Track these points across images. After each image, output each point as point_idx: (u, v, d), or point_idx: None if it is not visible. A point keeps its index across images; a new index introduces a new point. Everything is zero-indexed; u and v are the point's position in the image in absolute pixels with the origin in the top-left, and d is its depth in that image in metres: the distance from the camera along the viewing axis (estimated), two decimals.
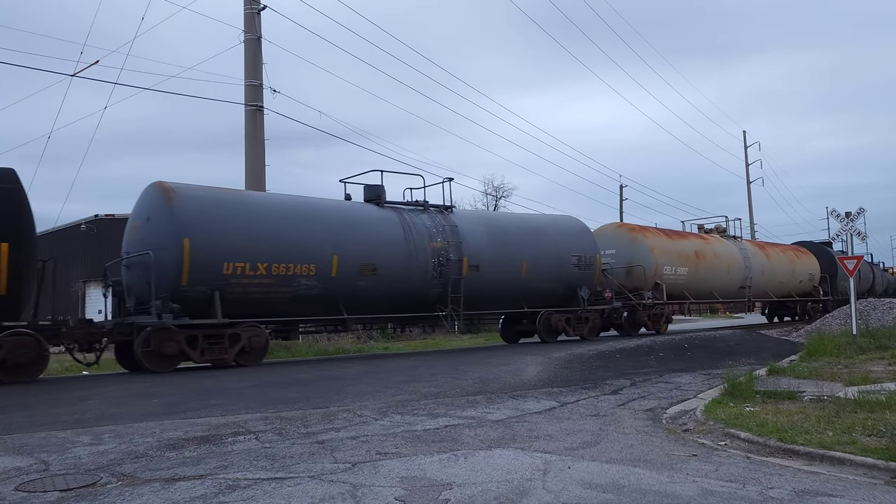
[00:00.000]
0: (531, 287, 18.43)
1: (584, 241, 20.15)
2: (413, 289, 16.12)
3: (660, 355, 14.74)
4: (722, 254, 26.01)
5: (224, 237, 13.36)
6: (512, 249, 18.03)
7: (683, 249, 23.92)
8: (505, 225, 18.78)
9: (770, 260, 29.29)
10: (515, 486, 4.66)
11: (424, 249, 16.28)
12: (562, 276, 19.14)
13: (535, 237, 18.95)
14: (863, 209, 17.72)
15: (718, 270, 25.41)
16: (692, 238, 25.68)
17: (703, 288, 24.76)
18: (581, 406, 8.33)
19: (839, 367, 11.52)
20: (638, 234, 22.86)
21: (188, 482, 4.81)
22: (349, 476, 4.96)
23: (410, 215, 16.74)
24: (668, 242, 23.38)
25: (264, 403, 8.41)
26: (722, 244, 26.72)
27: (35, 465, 5.36)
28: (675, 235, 24.81)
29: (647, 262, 21.97)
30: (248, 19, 19.46)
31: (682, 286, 23.39)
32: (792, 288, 31.13)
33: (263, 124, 19.46)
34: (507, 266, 17.80)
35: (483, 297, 17.50)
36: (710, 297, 26.45)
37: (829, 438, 5.93)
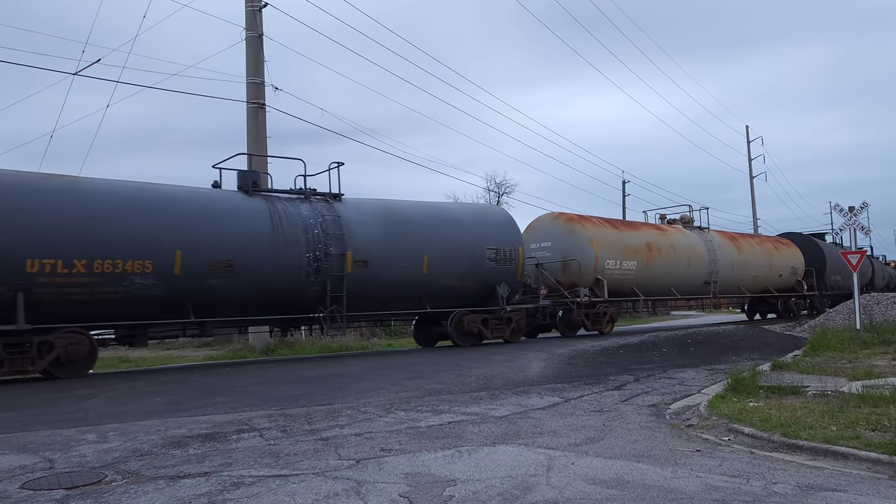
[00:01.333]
0: (435, 284, 16.17)
1: (505, 233, 17.78)
2: (283, 288, 14.01)
3: (663, 351, 14.74)
4: (681, 246, 23.54)
5: (26, 229, 11.35)
6: (411, 242, 15.81)
7: (632, 241, 21.54)
8: (405, 215, 16.33)
9: (742, 252, 26.68)
10: (519, 482, 4.67)
11: (297, 243, 14.18)
12: (475, 272, 16.88)
13: (442, 228, 16.62)
14: (866, 203, 17.66)
15: (677, 264, 23.03)
16: (645, 229, 23.05)
17: (657, 283, 22.51)
18: (585, 402, 8.33)
19: (843, 361, 11.51)
20: (576, 224, 20.41)
21: (193, 480, 4.83)
22: (353, 473, 4.97)
23: (285, 205, 14.52)
24: (613, 234, 21.04)
25: (268, 401, 8.42)
26: (683, 235, 24.32)
27: (40, 464, 5.38)
28: (624, 226, 22.47)
29: (584, 256, 19.73)
30: (250, 17, 19.45)
31: (631, 282, 21.23)
32: (770, 283, 28.50)
33: (265, 122, 19.47)
34: (405, 261, 15.61)
35: (374, 297, 15.38)
36: (666, 294, 23.62)
37: (832, 433, 5.93)
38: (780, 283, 29.10)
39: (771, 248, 28.87)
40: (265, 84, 19.44)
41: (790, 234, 33.10)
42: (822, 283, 31.13)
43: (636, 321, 37.91)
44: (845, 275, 32.47)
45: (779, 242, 30.27)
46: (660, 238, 22.80)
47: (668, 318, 41.55)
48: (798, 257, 30.22)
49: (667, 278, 22.75)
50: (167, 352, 20.58)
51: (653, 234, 22.77)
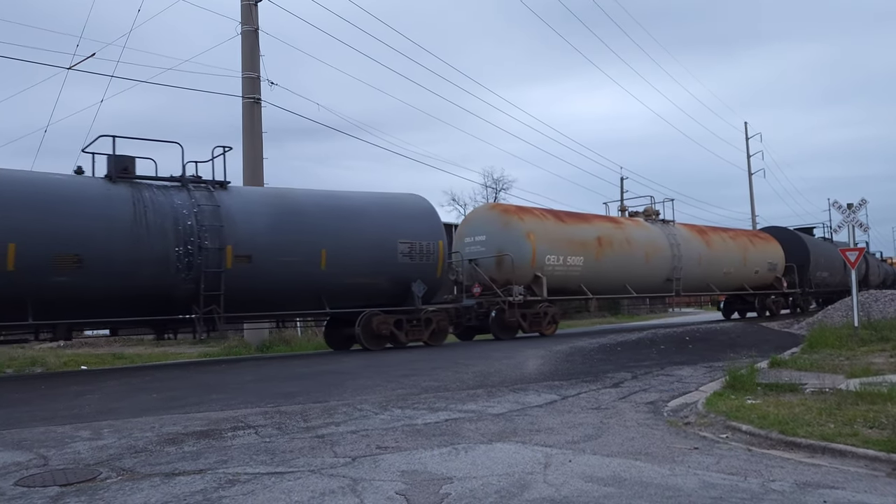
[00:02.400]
0: (336, 282, 14.64)
1: (422, 225, 16.05)
2: (147, 285, 12.46)
3: (661, 348, 14.74)
4: (638, 240, 21.79)
5: None
6: (306, 235, 14.26)
7: (579, 235, 19.81)
8: (301, 205, 14.74)
9: (711, 247, 24.93)
10: (516, 480, 4.64)
11: (164, 235, 12.64)
12: (386, 269, 15.29)
13: (345, 220, 15.05)
14: (864, 200, 17.65)
15: (632, 260, 21.29)
16: (597, 222, 21.25)
17: (610, 281, 20.78)
18: (582, 399, 8.31)
19: (841, 359, 11.51)
20: (512, 216, 18.67)
21: (188, 477, 4.80)
22: (349, 470, 4.94)
23: (154, 193, 12.97)
24: (557, 227, 19.29)
25: (264, 398, 8.40)
26: (642, 229, 22.55)
27: (35, 460, 5.34)
28: (571, 219, 20.49)
29: (519, 251, 18.10)
30: (245, 11, 19.38)
31: (577, 279, 19.55)
32: (745, 279, 26.65)
33: (261, 117, 19.41)
34: (298, 256, 14.07)
35: (261, 296, 13.92)
36: (621, 292, 21.80)
37: (830, 430, 5.91)
38: (756, 279, 27.30)
39: (746, 242, 27.09)
40: (261, 79, 19.38)
41: (772, 228, 31.64)
42: (805, 280, 29.45)
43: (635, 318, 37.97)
44: (834, 271, 31.69)
45: (756, 237, 28.51)
46: (613, 231, 21.18)
47: (667, 316, 41.58)
48: (777, 252, 28.48)
49: (621, 275, 21.03)
50: (162, 349, 20.52)
51: (605, 227, 21.13)
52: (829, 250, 32.41)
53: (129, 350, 19.92)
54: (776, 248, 28.58)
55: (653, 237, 22.54)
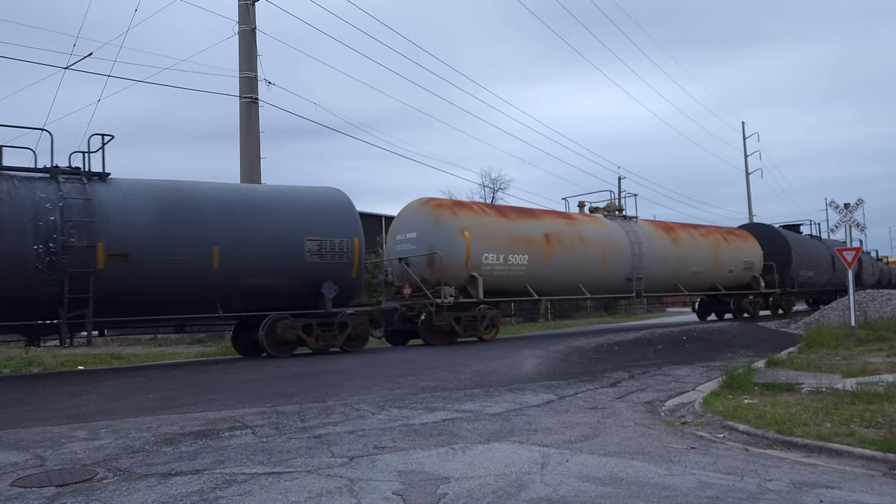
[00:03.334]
0: (232, 283, 13.35)
1: (336, 221, 14.74)
2: (1, 287, 11.25)
3: (658, 348, 14.75)
4: (593, 237, 20.24)
5: None
6: (196, 232, 12.94)
7: (524, 232, 18.19)
8: (192, 199, 13.36)
9: (679, 245, 23.25)
10: (513, 480, 4.64)
11: (21, 231, 11.42)
12: (291, 268, 14.01)
13: (243, 215, 13.71)
14: (861, 200, 17.70)
15: (586, 258, 19.74)
16: (546, 218, 19.63)
17: (560, 281, 19.22)
18: (579, 399, 8.32)
19: (837, 358, 11.53)
20: (444, 211, 17.13)
21: (185, 477, 4.79)
22: (346, 470, 4.94)
23: (13, 185, 11.74)
24: (497, 223, 17.74)
25: (261, 398, 8.39)
26: (599, 226, 21.01)
27: (31, 461, 5.34)
28: (515, 214, 18.94)
29: (451, 248, 16.58)
30: (243, 11, 19.36)
31: (522, 279, 18.03)
32: (718, 279, 25.02)
33: (258, 116, 19.39)
34: (186, 254, 12.75)
35: (142, 298, 12.54)
36: (574, 293, 20.11)
37: (827, 430, 5.92)
38: (730, 279, 25.70)
39: (719, 240, 25.46)
40: (258, 78, 19.36)
41: (751, 225, 30.08)
42: (786, 280, 27.73)
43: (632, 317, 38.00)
44: (820, 270, 30.52)
45: (731, 234, 26.71)
46: (564, 228, 19.55)
47: (665, 315, 41.61)
48: (754, 251, 26.79)
49: (573, 275, 19.48)
50: (159, 348, 20.50)
51: (555, 223, 19.47)
52: (815, 248, 31.35)
53: (127, 350, 19.89)
54: (753, 245, 26.96)
55: (611, 234, 21.01)
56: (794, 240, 29.16)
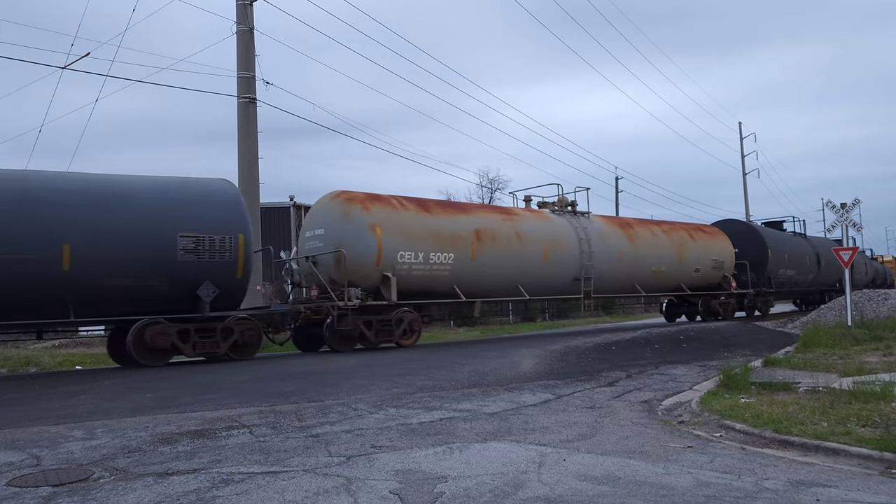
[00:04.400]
0: (88, 285, 11.91)
1: (217, 215, 13.18)
2: None
3: (655, 347, 14.77)
4: (534, 234, 18.51)
5: None
6: (40, 227, 11.56)
7: (449, 228, 16.57)
8: (37, 191, 11.90)
9: (636, 243, 21.56)
10: (510, 479, 4.64)
11: None
12: (162, 268, 12.51)
13: (102, 209, 12.23)
14: (858, 200, 17.72)
15: (524, 257, 18.05)
16: (478, 213, 18.09)
17: (494, 282, 17.62)
18: (577, 398, 8.32)
19: (834, 358, 11.55)
20: (354, 206, 15.49)
21: (182, 476, 4.78)
22: (344, 469, 4.94)
23: None
24: (416, 218, 16.16)
25: (258, 397, 8.38)
26: (542, 222, 19.27)
27: (27, 460, 5.32)
28: (440, 208, 17.26)
29: (359, 246, 15.05)
30: (241, 10, 19.33)
31: (447, 280, 16.51)
32: (683, 279, 23.29)
33: (256, 116, 19.36)
34: (29, 253, 11.39)
35: None
36: (511, 294, 18.61)
37: (823, 429, 5.93)
38: (697, 279, 23.93)
39: (684, 237, 23.69)
40: (256, 79, 19.34)
41: (725, 222, 28.19)
42: (763, 279, 26.14)
43: (630, 317, 38.01)
44: (803, 269, 29.25)
45: (699, 231, 24.97)
46: (499, 224, 17.84)
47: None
48: (725, 248, 25.01)
49: (508, 274, 17.83)
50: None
51: (489, 219, 17.85)
52: (798, 246, 29.86)
53: None
54: (723, 243, 25.15)
55: (555, 231, 19.29)
56: (771, 237, 27.61)
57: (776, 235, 28.59)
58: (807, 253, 30.32)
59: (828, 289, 33.63)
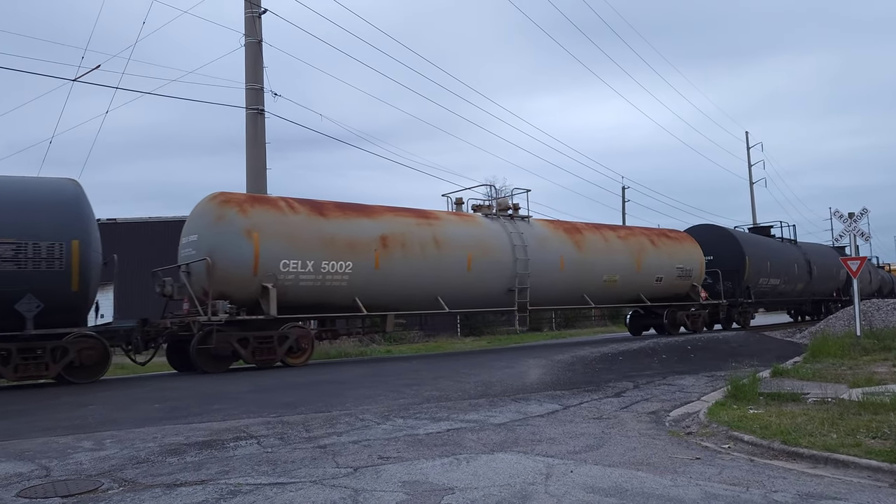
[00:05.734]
0: None
1: (45, 219, 11.57)
2: None
3: (663, 357, 14.71)
4: (456, 240, 16.60)
5: None
6: None
7: (347, 234, 14.76)
8: None
9: (584, 250, 19.47)
10: (518, 491, 4.64)
11: None
12: None
13: None
14: (866, 209, 17.67)
15: (444, 265, 16.18)
16: (385, 215, 15.90)
17: (406, 293, 15.79)
18: (584, 409, 8.30)
19: (843, 368, 11.48)
20: (230, 209, 13.70)
21: (190, 487, 4.79)
22: (351, 481, 4.94)
23: None
24: (305, 223, 14.36)
25: (266, 408, 8.39)
26: (468, 226, 17.33)
27: (36, 471, 5.34)
28: (337, 211, 15.17)
29: (234, 253, 13.32)
30: (249, 23, 19.48)
31: (347, 291, 14.71)
32: (643, 289, 21.24)
33: (264, 127, 19.47)
34: None
35: None
36: (430, 307, 16.66)
37: (833, 441, 5.90)
38: (659, 289, 21.78)
39: (643, 243, 21.52)
40: (264, 90, 19.46)
41: (698, 227, 26.32)
42: (740, 289, 24.32)
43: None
44: (789, 277, 27.51)
45: (663, 236, 22.63)
46: (411, 229, 15.94)
47: None
48: (693, 255, 22.87)
49: (424, 284, 15.96)
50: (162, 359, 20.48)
51: (398, 222, 15.89)
52: (784, 253, 28.03)
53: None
54: (691, 250, 23.02)
55: (483, 236, 17.33)
56: (750, 243, 25.62)
57: (757, 242, 26.83)
58: (795, 260, 28.58)
59: (822, 298, 32.27)
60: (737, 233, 26.17)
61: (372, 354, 20.55)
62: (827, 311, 32.62)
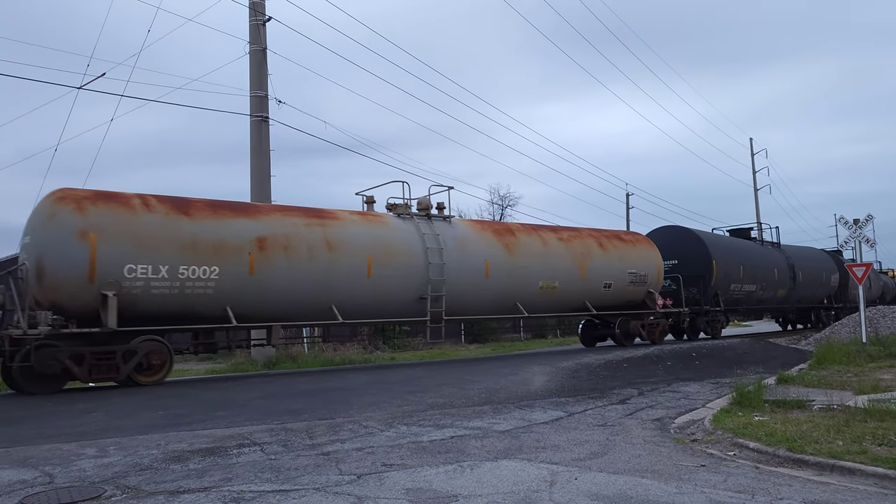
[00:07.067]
0: None
1: None
2: None
3: (667, 364, 14.66)
4: (354, 242, 14.87)
5: None
6: None
7: (211, 235, 12.99)
8: None
9: (515, 253, 17.50)
10: (522, 498, 4.62)
11: None
12: None
13: None
14: (870, 216, 17.63)
15: (338, 270, 14.49)
16: (267, 215, 14.22)
17: (290, 301, 14.00)
18: (588, 416, 8.27)
19: (849, 375, 11.44)
20: (65, 206, 11.99)
21: (193, 495, 4.79)
22: (354, 488, 4.93)
23: None
24: (160, 222, 12.55)
25: (269, 415, 8.39)
26: (371, 226, 15.55)
27: (40, 478, 5.35)
28: (206, 210, 13.30)
29: (65, 257, 11.68)
30: (254, 30, 19.57)
31: (214, 300, 12.96)
32: (588, 296, 19.18)
33: (269, 135, 19.53)
34: None
35: None
36: (321, 317, 14.76)
37: (839, 448, 5.87)
38: (608, 297, 19.68)
39: (590, 246, 19.42)
40: (269, 97, 19.53)
41: (663, 228, 24.39)
42: (706, 296, 22.34)
43: None
44: (767, 283, 25.52)
45: (615, 238, 20.50)
46: (297, 230, 14.21)
47: None
48: (649, 260, 20.76)
49: (315, 293, 14.22)
50: None
51: (282, 222, 14.13)
52: (763, 257, 26.08)
53: None
54: (647, 253, 20.90)
55: (388, 238, 15.56)
56: (718, 246, 23.59)
57: (728, 244, 24.91)
58: (775, 265, 26.47)
59: (810, 305, 30.44)
60: (704, 234, 23.93)
61: (376, 361, 20.52)
62: (817, 320, 31.31)
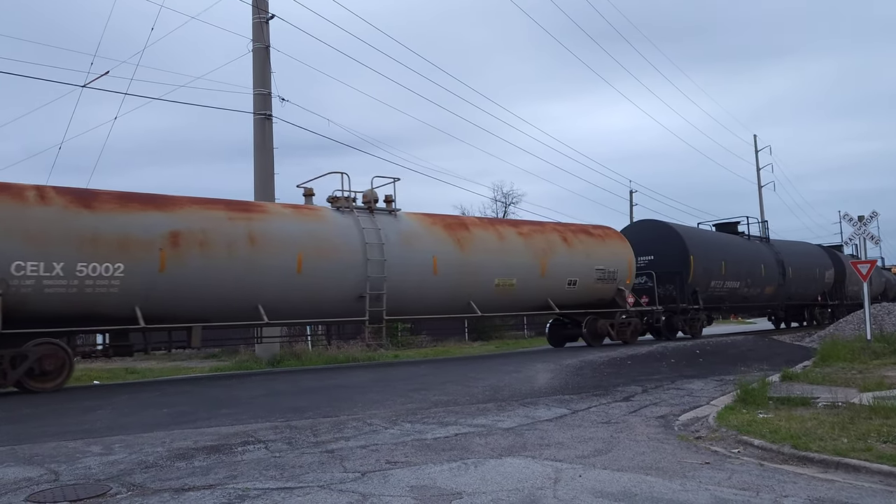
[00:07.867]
0: None
1: None
2: None
3: (671, 361, 14.65)
4: (281, 237, 13.81)
5: None
6: None
7: (116, 229, 11.99)
8: None
9: (467, 249, 16.38)
10: (526, 495, 4.62)
11: None
12: None
13: None
14: (875, 213, 17.58)
15: (265, 268, 13.44)
16: (183, 207, 13.04)
17: (214, 302, 13.08)
18: (592, 413, 8.27)
19: (853, 372, 11.41)
20: None
21: (198, 492, 4.80)
22: (358, 485, 4.93)
23: None
24: (55, 216, 11.57)
25: (274, 412, 8.40)
26: (304, 220, 14.54)
27: (45, 476, 5.36)
28: (113, 203, 12.30)
29: None
30: (257, 29, 19.57)
31: (120, 299, 12.00)
32: (552, 294, 18.01)
33: (272, 133, 19.54)
34: None
35: None
36: (246, 318, 13.72)
37: (843, 445, 5.86)
38: (573, 295, 18.50)
39: (553, 241, 18.27)
40: (272, 95, 19.53)
41: (639, 222, 23.59)
42: (683, 294, 21.09)
43: None
44: (754, 280, 24.52)
45: (581, 233, 19.24)
46: (218, 224, 13.15)
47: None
48: (619, 255, 19.55)
49: (238, 291, 13.22)
50: (173, 363, 20.60)
51: (200, 216, 13.07)
52: (748, 253, 24.91)
53: (141, 365, 19.99)
54: (617, 249, 19.67)
55: (322, 233, 14.54)
56: (697, 241, 22.38)
57: (709, 239, 23.67)
58: (762, 261, 25.32)
59: (802, 302, 29.66)
60: (681, 228, 22.68)
61: (380, 359, 20.54)
62: (811, 318, 30.90)
